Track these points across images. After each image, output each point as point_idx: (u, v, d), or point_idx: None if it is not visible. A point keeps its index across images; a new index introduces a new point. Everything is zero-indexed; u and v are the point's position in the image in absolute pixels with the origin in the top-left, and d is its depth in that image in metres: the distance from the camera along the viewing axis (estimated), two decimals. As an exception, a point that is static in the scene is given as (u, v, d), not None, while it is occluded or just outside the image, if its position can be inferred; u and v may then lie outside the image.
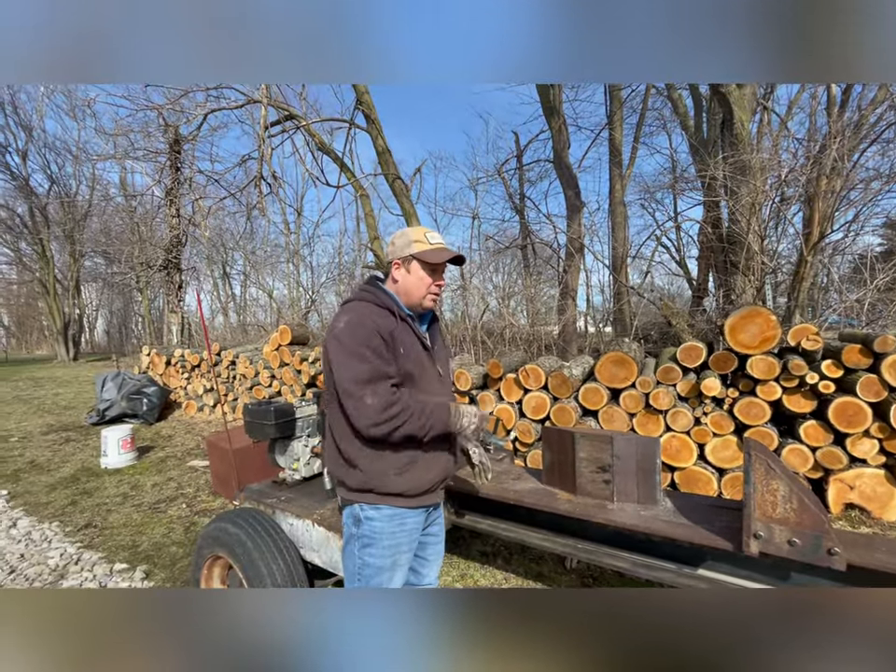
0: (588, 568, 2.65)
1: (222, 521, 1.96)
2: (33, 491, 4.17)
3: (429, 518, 1.59)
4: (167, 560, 2.89)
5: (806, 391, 3.14)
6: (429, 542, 1.63)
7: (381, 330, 1.32)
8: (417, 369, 1.40)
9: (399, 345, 1.36)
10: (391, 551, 1.41)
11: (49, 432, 6.49)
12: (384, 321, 1.36)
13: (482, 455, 1.55)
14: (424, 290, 1.44)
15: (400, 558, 1.44)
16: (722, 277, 5.78)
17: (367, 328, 1.32)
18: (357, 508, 1.42)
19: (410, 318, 1.45)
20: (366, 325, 1.32)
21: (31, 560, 2.91)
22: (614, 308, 7.97)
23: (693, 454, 3.34)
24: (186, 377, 7.66)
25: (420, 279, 1.43)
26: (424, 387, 1.42)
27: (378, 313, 1.38)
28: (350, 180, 9.18)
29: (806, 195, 5.58)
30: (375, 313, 1.37)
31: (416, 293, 1.44)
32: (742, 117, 5.31)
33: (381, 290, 1.45)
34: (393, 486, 1.38)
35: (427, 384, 1.44)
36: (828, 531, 1.37)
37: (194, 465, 4.85)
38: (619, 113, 9.95)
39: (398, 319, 1.39)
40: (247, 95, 8.46)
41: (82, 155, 18.25)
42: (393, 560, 1.42)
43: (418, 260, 1.41)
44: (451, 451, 1.53)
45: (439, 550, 1.68)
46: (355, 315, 1.35)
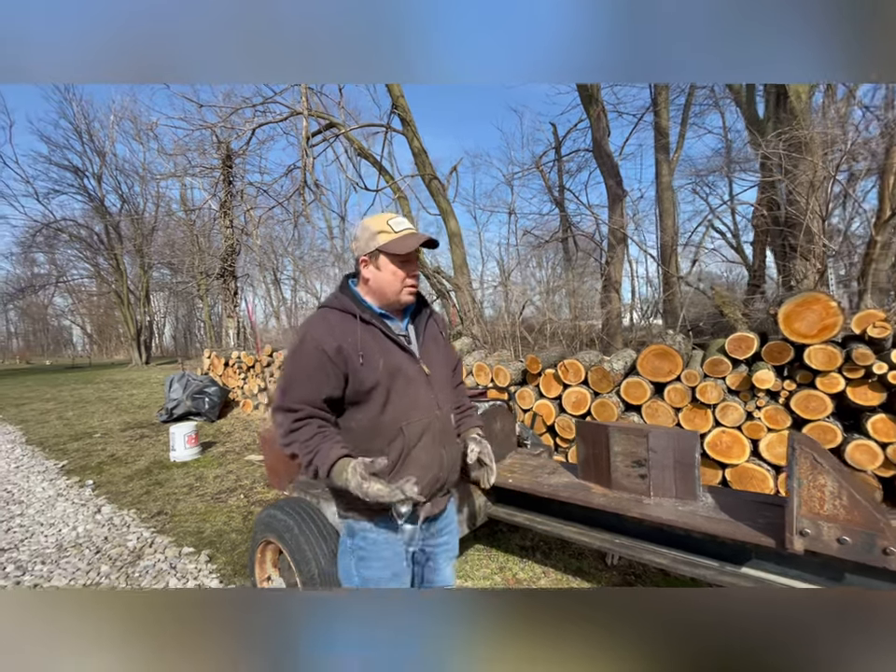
0: (630, 566, 2.60)
1: (273, 508, 2.12)
2: (113, 481, 4.63)
3: (432, 527, 1.45)
4: (228, 546, 3.13)
5: (874, 382, 2.89)
6: (438, 552, 1.49)
7: (327, 350, 1.22)
8: (387, 377, 1.27)
9: (356, 357, 1.24)
10: (388, 562, 1.32)
11: (126, 429, 7.15)
12: (336, 334, 1.25)
13: (483, 453, 1.42)
14: (398, 285, 1.30)
15: (398, 567, 1.35)
16: (781, 263, 5.40)
17: (309, 348, 1.24)
18: (350, 519, 1.35)
19: (381, 318, 1.33)
20: (308, 344, 1.25)
21: (113, 542, 3.25)
22: (662, 299, 7.64)
23: (745, 450, 3.17)
24: (242, 377, 8.16)
25: (392, 274, 1.29)
26: (399, 393, 1.29)
27: (338, 320, 1.28)
28: (388, 183, 9.39)
29: (878, 169, 5.09)
30: (334, 322, 1.27)
31: (390, 289, 1.31)
32: (799, 89, 4.93)
33: (346, 293, 1.34)
34: None
35: (404, 389, 1.30)
36: (883, 529, 1.29)
37: (251, 459, 5.18)
38: (664, 93, 9.47)
39: (361, 324, 1.27)
40: (291, 108, 8.86)
41: (148, 175, 19.91)
42: (392, 572, 1.33)
43: (385, 254, 1.27)
44: (442, 458, 1.37)
45: (450, 556, 1.53)
46: (305, 332, 1.28)
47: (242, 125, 9.48)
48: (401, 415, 1.29)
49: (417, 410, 1.32)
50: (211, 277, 13.08)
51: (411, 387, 1.31)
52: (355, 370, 1.25)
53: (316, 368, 1.23)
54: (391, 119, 8.74)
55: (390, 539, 1.33)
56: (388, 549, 1.33)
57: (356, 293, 1.36)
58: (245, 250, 15.20)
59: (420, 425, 1.32)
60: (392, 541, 1.33)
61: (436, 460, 1.35)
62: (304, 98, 7.80)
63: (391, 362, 1.28)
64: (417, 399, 1.32)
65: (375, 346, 1.28)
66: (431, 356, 1.40)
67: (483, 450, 1.43)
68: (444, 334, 1.54)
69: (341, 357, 1.24)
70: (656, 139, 9.60)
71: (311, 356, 1.24)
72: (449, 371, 1.53)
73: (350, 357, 1.24)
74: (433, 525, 1.45)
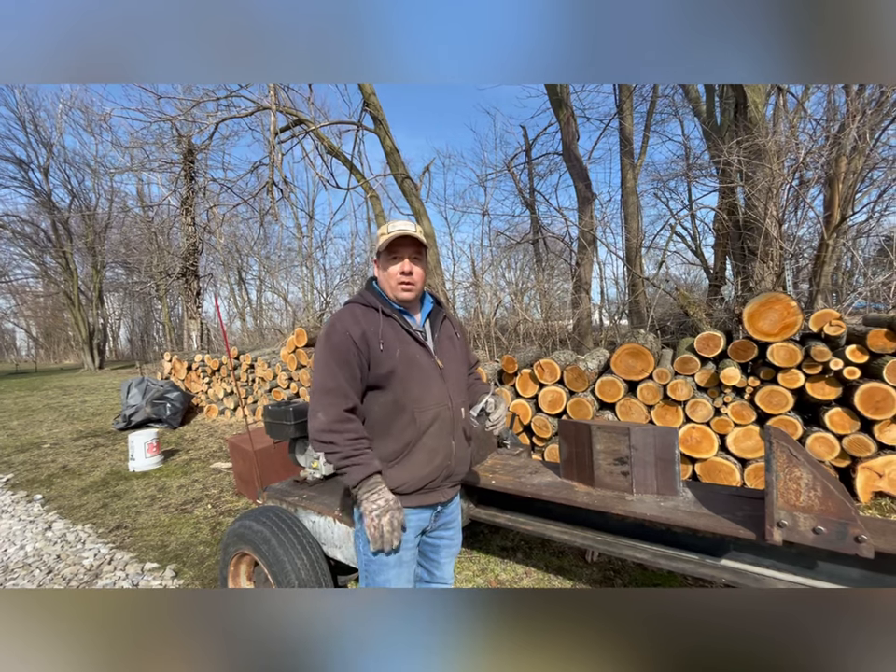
0: (609, 562, 2.64)
1: (247, 519, 2.02)
2: (66, 495, 4.32)
3: (440, 519, 1.56)
4: (195, 559, 2.97)
5: (831, 378, 3.06)
6: (442, 545, 1.60)
7: (353, 335, 1.35)
8: (403, 365, 1.38)
9: (377, 344, 1.36)
10: (395, 549, 1.39)
11: (78, 438, 6.71)
12: (361, 323, 1.38)
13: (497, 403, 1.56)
14: (393, 281, 1.42)
15: (405, 554, 1.43)
16: (740, 265, 5.66)
17: (338, 335, 1.36)
18: None
19: (400, 313, 1.45)
20: (338, 332, 1.36)
21: (67, 561, 3.02)
22: (629, 300, 7.87)
23: (714, 445, 3.29)
24: (206, 381, 7.83)
25: (387, 272, 1.43)
26: (414, 381, 1.40)
27: (362, 313, 1.40)
28: (360, 182, 9.25)
29: (826, 177, 5.42)
30: (359, 314, 1.40)
31: (388, 286, 1.44)
32: (756, 100, 5.18)
33: (369, 289, 1.49)
34: (389, 480, 1.39)
35: (418, 378, 1.41)
36: (854, 518, 1.34)
37: (217, 466, 4.96)
38: (628, 102, 9.79)
39: (382, 316, 1.40)
40: (257, 103, 8.58)
41: (100, 169, 18.82)
42: (398, 556, 1.41)
43: (379, 253, 1.43)
44: (451, 447, 1.48)
45: (452, 552, 1.65)
46: (334, 321, 1.40)
47: (205, 119, 9.11)
48: (414, 402, 1.40)
49: (429, 398, 1.42)
50: (171, 277, 12.50)
51: (424, 378, 1.42)
52: (376, 355, 1.36)
53: (346, 351, 1.35)
54: (362, 117, 8.61)
55: None
56: None
57: (378, 290, 1.49)
58: (207, 249, 14.63)
59: (431, 413, 1.42)
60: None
61: (444, 448, 1.46)
62: (272, 93, 7.57)
63: (407, 352, 1.40)
64: (430, 389, 1.43)
65: (394, 336, 1.40)
66: (445, 352, 1.52)
67: (496, 401, 1.57)
68: (459, 335, 1.64)
69: (364, 342, 1.36)
70: (622, 144, 9.90)
71: (341, 341, 1.35)
72: (463, 369, 1.62)
73: (372, 344, 1.36)
74: (442, 515, 1.56)
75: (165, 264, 13.56)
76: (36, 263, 20.76)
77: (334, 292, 13.88)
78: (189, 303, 12.06)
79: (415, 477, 1.41)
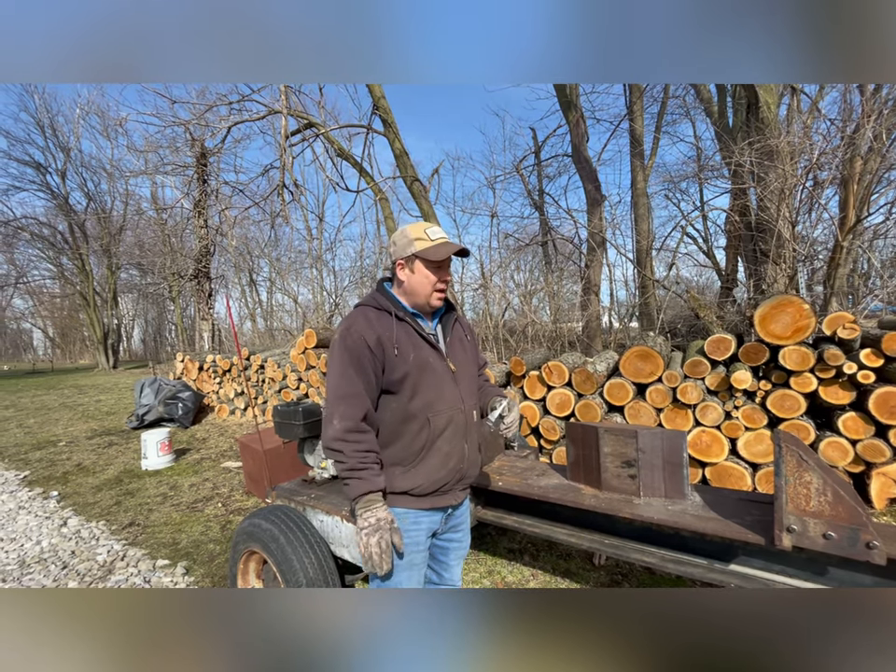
0: (617, 565, 2.62)
1: (256, 517, 2.04)
2: (80, 492, 4.41)
3: (450, 521, 1.56)
4: (205, 556, 3.01)
5: (844, 382, 3.01)
6: (451, 548, 1.61)
7: (368, 340, 1.33)
8: (416, 369, 1.37)
9: (391, 348, 1.35)
10: (406, 549, 1.38)
11: (93, 436, 6.83)
12: (375, 327, 1.36)
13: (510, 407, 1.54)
14: (430, 289, 1.41)
15: (416, 557, 1.43)
16: (752, 267, 5.59)
17: (353, 340, 1.34)
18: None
19: (413, 317, 1.44)
20: (353, 337, 1.34)
21: (81, 556, 3.08)
22: (639, 302, 7.81)
23: (724, 448, 3.26)
24: (217, 381, 7.93)
25: (425, 277, 1.40)
26: (427, 385, 1.39)
27: (375, 317, 1.39)
28: (369, 184, 9.30)
29: (841, 178, 5.33)
30: (372, 317, 1.38)
31: (422, 292, 1.42)
32: (769, 100, 5.12)
33: (382, 293, 1.46)
34: (399, 485, 1.39)
35: (432, 382, 1.40)
36: (866, 524, 1.32)
37: (228, 466, 5.02)
38: (639, 103, 9.72)
39: (396, 321, 1.39)
40: (268, 106, 8.69)
41: (116, 172, 19.15)
42: (409, 559, 1.40)
43: (421, 259, 1.38)
44: (464, 450, 1.48)
45: (461, 554, 1.65)
46: (348, 325, 1.37)
47: (217, 123, 9.24)
48: (428, 406, 1.40)
49: (443, 402, 1.42)
50: (184, 279, 12.68)
51: (437, 381, 1.42)
52: (390, 360, 1.36)
53: (361, 356, 1.34)
54: (372, 121, 8.67)
55: (410, 531, 1.41)
56: (406, 537, 1.39)
57: (391, 294, 1.47)
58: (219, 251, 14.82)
59: (445, 416, 1.42)
60: (412, 532, 1.42)
61: (457, 451, 1.45)
62: (283, 96, 7.66)
63: (420, 356, 1.40)
64: (443, 393, 1.43)
65: (408, 340, 1.39)
66: (457, 355, 1.52)
67: (510, 405, 1.56)
68: (469, 337, 1.64)
69: (379, 347, 1.35)
70: (632, 146, 9.84)
71: (356, 346, 1.34)
72: (474, 371, 1.62)
73: (387, 348, 1.35)
74: (452, 518, 1.56)
75: (178, 266, 13.77)
76: (53, 265, 21.22)
77: (343, 294, 13.98)
78: (201, 304, 12.22)
79: (430, 480, 1.41)
